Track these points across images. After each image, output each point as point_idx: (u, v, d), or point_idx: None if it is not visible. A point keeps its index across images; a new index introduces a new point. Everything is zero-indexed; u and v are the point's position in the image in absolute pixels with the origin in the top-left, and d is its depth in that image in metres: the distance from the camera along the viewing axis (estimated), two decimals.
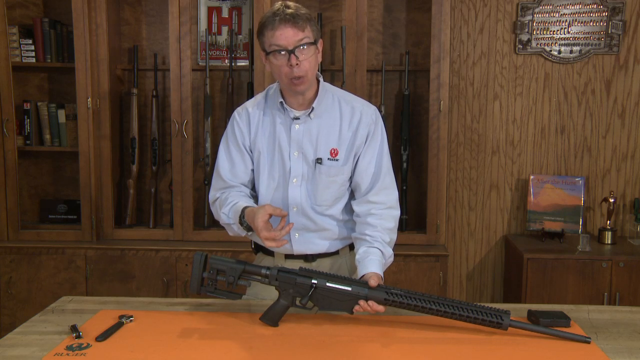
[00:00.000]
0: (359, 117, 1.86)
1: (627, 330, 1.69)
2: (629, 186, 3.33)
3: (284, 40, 1.69)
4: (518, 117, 3.33)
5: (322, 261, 1.92)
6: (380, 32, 3.28)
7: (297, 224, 1.87)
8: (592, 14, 3.24)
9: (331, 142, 1.85)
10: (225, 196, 1.89)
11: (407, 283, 2.98)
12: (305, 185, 1.86)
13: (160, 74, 3.30)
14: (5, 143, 3.05)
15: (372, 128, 1.87)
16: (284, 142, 1.85)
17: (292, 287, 1.67)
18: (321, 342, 1.58)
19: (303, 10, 1.73)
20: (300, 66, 1.71)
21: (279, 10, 1.70)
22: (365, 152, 1.87)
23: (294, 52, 1.70)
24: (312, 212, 1.87)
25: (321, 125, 1.85)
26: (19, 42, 3.11)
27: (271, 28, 1.69)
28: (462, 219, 3.41)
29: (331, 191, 1.87)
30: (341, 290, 1.66)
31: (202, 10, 3.28)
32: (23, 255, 3.06)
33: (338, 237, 1.92)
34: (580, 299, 2.94)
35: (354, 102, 1.90)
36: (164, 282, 3.04)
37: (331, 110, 1.86)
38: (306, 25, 1.71)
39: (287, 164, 1.85)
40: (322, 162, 1.84)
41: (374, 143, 1.88)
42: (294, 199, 1.86)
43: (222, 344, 1.56)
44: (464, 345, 1.57)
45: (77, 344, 1.54)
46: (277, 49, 1.71)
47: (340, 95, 1.90)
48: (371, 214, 1.85)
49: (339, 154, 1.85)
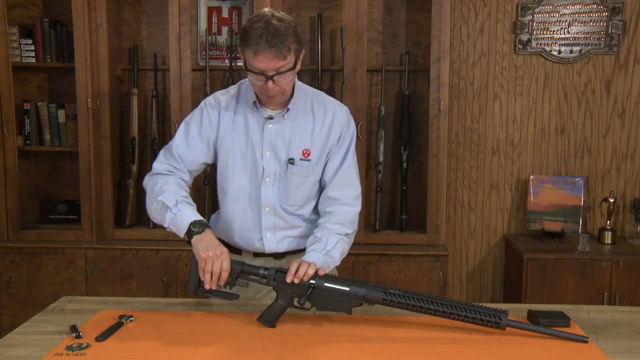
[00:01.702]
0: (332, 118, 1.87)
1: (627, 330, 1.69)
2: (629, 186, 3.33)
3: (264, 65, 1.66)
4: (518, 117, 3.33)
5: (291, 258, 1.92)
6: (380, 32, 3.28)
7: (268, 223, 1.88)
8: (592, 14, 3.24)
9: (304, 143, 1.86)
10: (165, 182, 1.82)
11: (407, 283, 2.98)
12: (278, 184, 1.87)
13: (160, 74, 3.30)
14: (5, 143, 3.05)
15: (345, 130, 1.89)
16: (256, 141, 1.85)
17: (289, 288, 1.67)
18: (320, 342, 1.58)
19: (289, 24, 1.67)
20: (276, 88, 1.72)
21: (265, 29, 1.63)
22: (336, 152, 1.89)
23: (272, 78, 1.68)
24: (283, 212, 1.88)
25: (294, 125, 1.85)
26: (19, 42, 3.11)
27: (254, 51, 1.65)
28: (462, 219, 3.41)
29: (303, 191, 1.89)
30: (339, 290, 1.66)
31: (202, 10, 3.28)
32: (23, 255, 3.06)
33: (308, 235, 1.93)
34: (580, 299, 2.94)
35: (327, 103, 1.90)
36: (164, 282, 3.04)
37: (304, 110, 1.87)
38: (289, 51, 1.67)
39: (260, 163, 1.85)
40: (294, 162, 1.85)
41: (345, 144, 1.90)
42: (267, 198, 1.87)
43: (222, 344, 1.56)
44: (463, 345, 1.57)
45: (77, 344, 1.54)
46: (256, 72, 1.69)
47: (312, 95, 1.90)
48: (326, 213, 1.89)
49: (312, 155, 1.86)
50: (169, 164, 1.88)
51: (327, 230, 1.84)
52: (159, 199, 1.79)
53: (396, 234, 3.16)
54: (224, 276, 1.68)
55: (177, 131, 1.90)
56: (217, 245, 1.71)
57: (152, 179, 1.87)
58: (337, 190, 1.89)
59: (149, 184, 1.87)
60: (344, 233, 1.86)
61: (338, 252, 1.83)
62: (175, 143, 1.88)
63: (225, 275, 1.68)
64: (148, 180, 1.89)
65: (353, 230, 1.91)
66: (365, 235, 3.08)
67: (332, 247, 1.80)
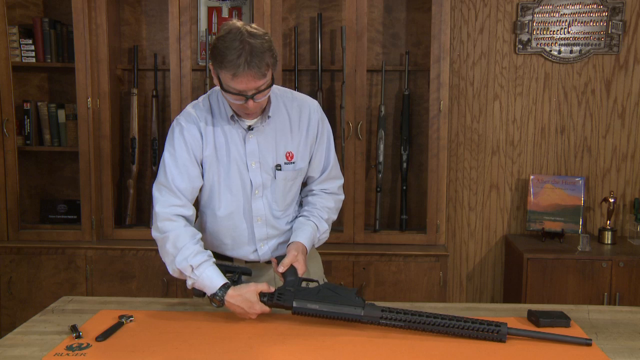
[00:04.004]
0: (308, 115, 1.86)
1: (627, 330, 1.69)
2: (629, 186, 3.33)
3: (244, 86, 1.61)
4: (518, 117, 3.33)
5: None
6: (380, 32, 3.28)
7: (262, 234, 1.87)
8: (592, 14, 3.24)
9: (286, 147, 1.84)
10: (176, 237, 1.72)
11: (407, 283, 2.98)
12: (267, 194, 1.85)
13: (160, 74, 3.30)
14: (5, 143, 3.05)
15: (320, 124, 1.89)
16: (240, 155, 1.80)
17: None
18: (321, 342, 1.58)
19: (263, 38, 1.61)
20: (256, 105, 1.68)
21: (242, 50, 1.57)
22: (318, 148, 1.89)
23: (252, 97, 1.64)
24: (273, 220, 1.87)
25: (274, 131, 1.82)
26: (19, 42, 3.11)
27: (233, 73, 1.58)
28: (462, 219, 3.41)
29: (291, 194, 1.89)
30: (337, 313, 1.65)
31: (202, 10, 3.28)
32: (23, 255, 3.06)
33: None
34: (580, 299, 2.94)
35: (298, 100, 1.87)
36: (164, 282, 3.04)
37: (278, 112, 1.83)
38: (268, 69, 1.62)
39: (247, 177, 1.81)
40: (281, 168, 1.83)
41: (324, 138, 1.90)
42: (258, 210, 1.84)
43: (222, 344, 1.56)
44: (465, 346, 1.57)
45: (77, 344, 1.55)
46: (235, 92, 1.64)
47: (282, 95, 1.86)
48: (313, 194, 1.93)
49: (295, 156, 1.85)
50: (171, 205, 1.76)
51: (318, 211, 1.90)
52: (176, 267, 1.72)
53: (396, 234, 3.15)
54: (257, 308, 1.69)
55: (165, 164, 1.78)
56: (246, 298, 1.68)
57: (160, 233, 1.75)
58: (326, 184, 1.94)
59: (159, 240, 1.76)
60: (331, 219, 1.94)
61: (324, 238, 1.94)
62: (170, 178, 1.76)
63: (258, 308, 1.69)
64: (156, 231, 1.76)
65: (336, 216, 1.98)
66: (365, 235, 3.08)
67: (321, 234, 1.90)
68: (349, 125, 3.01)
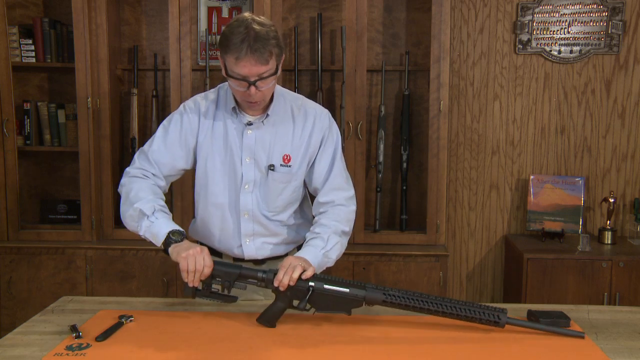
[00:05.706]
0: (312, 122, 1.86)
1: (627, 330, 1.69)
2: (629, 186, 3.33)
3: (247, 71, 1.64)
4: (518, 117, 3.33)
5: (271, 263, 1.91)
6: (380, 32, 3.28)
7: (247, 230, 1.87)
8: (592, 14, 3.24)
9: (284, 149, 1.84)
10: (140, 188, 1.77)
11: (407, 283, 2.98)
12: (257, 191, 1.85)
13: (160, 74, 3.30)
14: (5, 143, 3.05)
15: (327, 133, 1.87)
16: (236, 148, 1.82)
17: (289, 290, 1.67)
18: (320, 342, 1.58)
19: (269, 28, 1.66)
20: (258, 94, 1.70)
21: (246, 34, 1.62)
22: (321, 156, 1.88)
23: (254, 84, 1.66)
24: (263, 218, 1.87)
25: (274, 131, 1.83)
26: (19, 42, 3.11)
27: (236, 57, 1.63)
28: (462, 219, 3.41)
29: (283, 197, 1.87)
30: (339, 292, 1.66)
31: (202, 10, 3.28)
32: (23, 255, 3.06)
33: (288, 241, 1.93)
34: (580, 299, 2.94)
35: (307, 107, 1.88)
36: (164, 282, 3.04)
37: (284, 115, 1.84)
38: (271, 56, 1.65)
39: (239, 170, 1.83)
40: (274, 168, 1.83)
41: (329, 148, 1.88)
42: (245, 205, 1.85)
43: (222, 344, 1.56)
44: (463, 345, 1.57)
45: (77, 344, 1.54)
46: (238, 78, 1.67)
47: (291, 99, 1.88)
48: (320, 214, 1.87)
49: (292, 160, 1.84)
50: (143, 169, 1.83)
51: (325, 227, 1.82)
52: (135, 206, 1.74)
53: (396, 234, 3.15)
54: (207, 272, 1.65)
55: (155, 134, 1.85)
56: (196, 245, 1.70)
57: (126, 184, 1.81)
58: (330, 195, 1.88)
59: (124, 190, 1.81)
60: (340, 231, 1.84)
61: (335, 254, 1.81)
62: (152, 148, 1.83)
63: (207, 270, 1.65)
64: (122, 185, 1.83)
65: (349, 229, 1.89)
66: (365, 235, 3.08)
67: (330, 248, 1.79)
68: (349, 125, 3.01)
